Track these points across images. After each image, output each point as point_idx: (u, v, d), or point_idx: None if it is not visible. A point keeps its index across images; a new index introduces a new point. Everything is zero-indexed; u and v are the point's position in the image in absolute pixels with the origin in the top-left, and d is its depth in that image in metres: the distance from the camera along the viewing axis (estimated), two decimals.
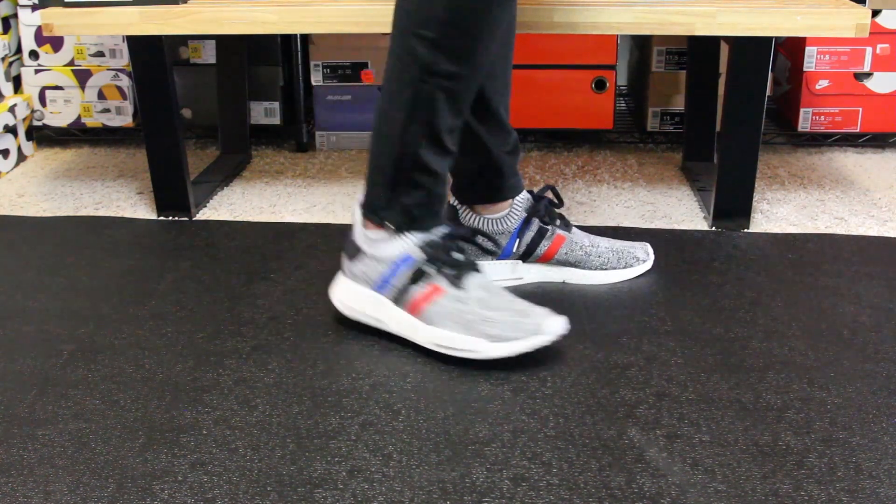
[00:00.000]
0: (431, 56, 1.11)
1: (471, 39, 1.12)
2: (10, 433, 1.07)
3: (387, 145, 1.18)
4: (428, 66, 1.12)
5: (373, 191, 1.21)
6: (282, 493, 0.96)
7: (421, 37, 1.11)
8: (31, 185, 1.91)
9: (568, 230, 1.41)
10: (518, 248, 1.40)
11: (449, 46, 1.11)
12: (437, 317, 1.18)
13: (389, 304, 1.21)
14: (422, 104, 1.14)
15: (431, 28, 1.10)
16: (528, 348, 1.16)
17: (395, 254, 1.20)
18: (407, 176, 1.18)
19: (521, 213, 1.39)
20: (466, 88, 1.16)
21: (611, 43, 2.00)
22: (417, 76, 1.12)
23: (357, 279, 1.23)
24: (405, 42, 1.12)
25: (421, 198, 1.19)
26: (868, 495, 0.95)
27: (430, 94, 1.13)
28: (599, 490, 0.96)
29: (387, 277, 1.20)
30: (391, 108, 1.16)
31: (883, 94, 1.99)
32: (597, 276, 1.41)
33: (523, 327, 1.16)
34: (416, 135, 1.15)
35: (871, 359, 1.20)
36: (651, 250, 1.45)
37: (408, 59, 1.13)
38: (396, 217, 1.20)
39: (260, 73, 2.09)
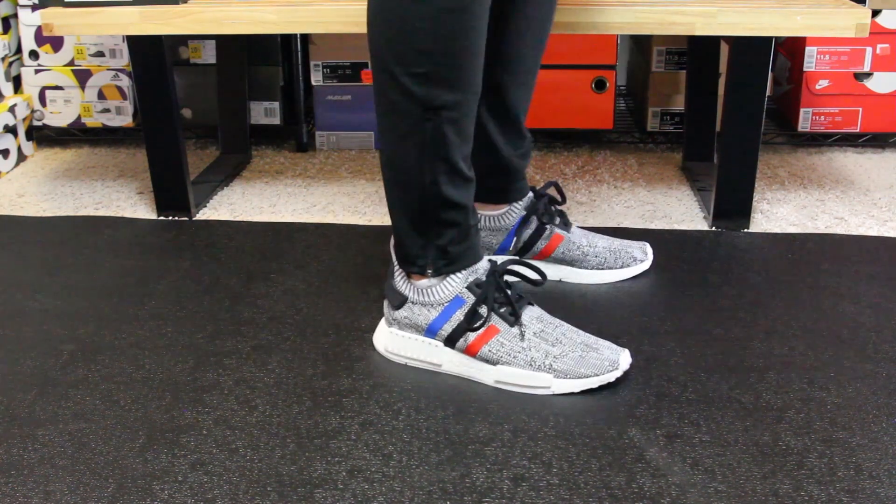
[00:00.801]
0: (427, 91, 1.07)
1: (461, 61, 1.07)
2: (10, 433, 1.07)
3: (407, 193, 1.13)
4: (427, 101, 1.07)
5: (404, 242, 1.16)
6: (282, 493, 0.96)
7: (413, 74, 1.06)
8: (31, 185, 1.91)
9: (567, 229, 1.41)
10: (515, 245, 1.40)
11: (442, 76, 1.07)
12: (497, 355, 1.14)
13: (443, 347, 1.17)
14: (432, 142, 1.09)
15: (420, 63, 1.06)
16: (597, 384, 1.13)
17: (445, 298, 1.16)
18: (435, 218, 1.13)
19: (521, 211, 1.39)
20: (469, 111, 1.11)
21: (611, 43, 2.00)
22: (420, 115, 1.08)
23: (403, 326, 1.19)
24: (397, 85, 1.07)
25: (454, 235, 1.14)
26: (868, 495, 0.95)
27: (438, 128, 1.08)
28: (599, 490, 0.96)
29: (438, 322, 1.16)
30: (400, 154, 1.12)
31: (883, 94, 1.99)
32: (594, 276, 1.41)
33: (591, 363, 1.13)
34: (434, 173, 1.10)
35: (871, 359, 1.20)
36: (650, 250, 1.45)
37: (404, 101, 1.08)
38: (434, 261, 1.15)
39: (260, 73, 2.09)
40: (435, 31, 1.05)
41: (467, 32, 1.07)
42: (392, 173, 1.14)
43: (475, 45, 1.09)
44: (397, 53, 1.07)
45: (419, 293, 1.17)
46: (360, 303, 1.36)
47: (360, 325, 1.29)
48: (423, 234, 1.15)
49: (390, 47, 1.07)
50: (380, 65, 1.09)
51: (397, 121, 1.10)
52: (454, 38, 1.06)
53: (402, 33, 1.05)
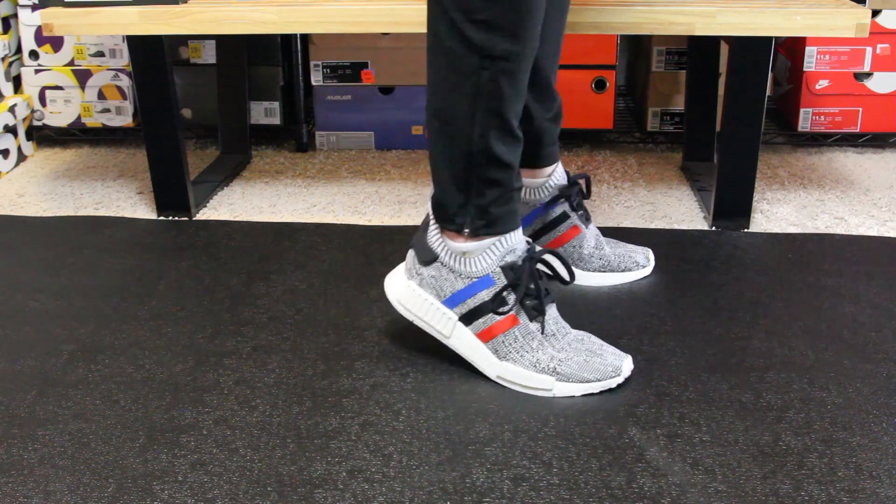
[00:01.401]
0: (487, 39, 1.04)
1: (522, 12, 1.05)
2: (10, 433, 1.07)
3: (453, 145, 1.10)
4: (486, 49, 1.04)
5: (443, 196, 1.13)
6: (282, 494, 0.96)
7: (473, 21, 1.03)
8: (31, 185, 1.91)
9: (586, 225, 1.42)
10: (534, 224, 1.40)
11: (503, 24, 1.04)
12: (508, 349, 1.13)
13: (458, 323, 1.15)
14: (486, 92, 1.06)
15: (481, 9, 1.03)
16: (598, 389, 1.13)
17: (476, 272, 1.13)
18: (480, 174, 1.10)
19: (553, 192, 1.39)
20: (526, 66, 1.09)
21: (611, 43, 2.00)
22: (476, 63, 1.05)
23: (424, 285, 1.16)
24: (455, 30, 1.04)
25: (497, 195, 1.11)
26: (868, 495, 0.95)
27: (493, 79, 1.05)
28: (599, 490, 0.96)
29: (461, 294, 1.14)
30: (450, 104, 1.08)
31: (883, 94, 1.99)
32: (595, 278, 1.41)
33: (594, 368, 1.13)
34: (484, 127, 1.08)
35: (871, 359, 1.20)
36: (652, 256, 1.45)
37: (461, 48, 1.05)
38: (474, 221, 1.12)
39: (260, 73, 2.09)
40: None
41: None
42: (440, 125, 1.10)
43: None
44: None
45: (452, 257, 1.14)
46: (360, 303, 1.36)
47: (360, 325, 1.29)
48: (465, 190, 1.11)
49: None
50: (439, 8, 1.06)
51: (452, 69, 1.07)
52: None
53: None
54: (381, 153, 2.08)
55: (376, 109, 2.08)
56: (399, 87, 2.07)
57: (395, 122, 2.09)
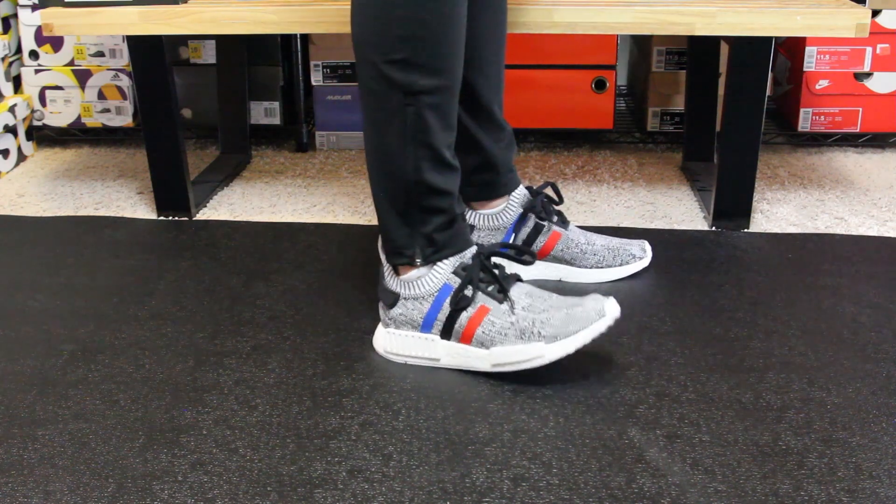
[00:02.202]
0: (407, 76, 1.08)
1: (440, 47, 1.09)
2: (10, 433, 1.07)
3: (391, 181, 1.14)
4: (408, 87, 1.09)
5: (390, 233, 1.17)
6: (282, 493, 0.96)
7: (392, 61, 1.08)
8: (31, 185, 1.91)
9: (565, 227, 1.41)
10: (514, 243, 1.40)
11: (420, 61, 1.08)
12: (491, 336, 1.15)
13: (439, 340, 1.18)
14: (413, 128, 1.11)
15: (398, 49, 1.07)
16: (588, 338, 1.12)
17: (433, 288, 1.16)
18: (420, 205, 1.14)
19: (518, 209, 1.39)
20: (450, 97, 1.13)
21: (611, 43, 2.00)
22: (401, 100, 1.10)
23: (399, 324, 1.19)
24: (376, 72, 1.09)
25: (440, 223, 1.15)
26: (868, 495, 0.95)
27: (418, 113, 1.10)
28: (599, 490, 0.96)
29: (431, 314, 1.17)
30: (383, 142, 1.13)
31: (883, 94, 1.99)
32: (593, 274, 1.41)
33: (576, 317, 1.13)
34: (417, 161, 1.12)
35: (871, 359, 1.20)
36: (648, 247, 1.45)
37: (384, 88, 1.10)
38: (422, 250, 1.16)
39: (260, 73, 2.09)
40: (413, 17, 1.07)
41: (446, 18, 1.08)
42: (376, 162, 1.15)
43: (454, 31, 1.10)
44: (377, 41, 1.09)
45: (409, 287, 1.18)
46: (360, 303, 1.36)
47: (360, 325, 1.29)
48: (409, 222, 1.15)
49: (370, 36, 1.09)
50: (361, 54, 1.11)
51: (379, 108, 1.12)
52: (433, 23, 1.08)
53: (381, 21, 1.08)
54: None
55: None
56: None
57: None
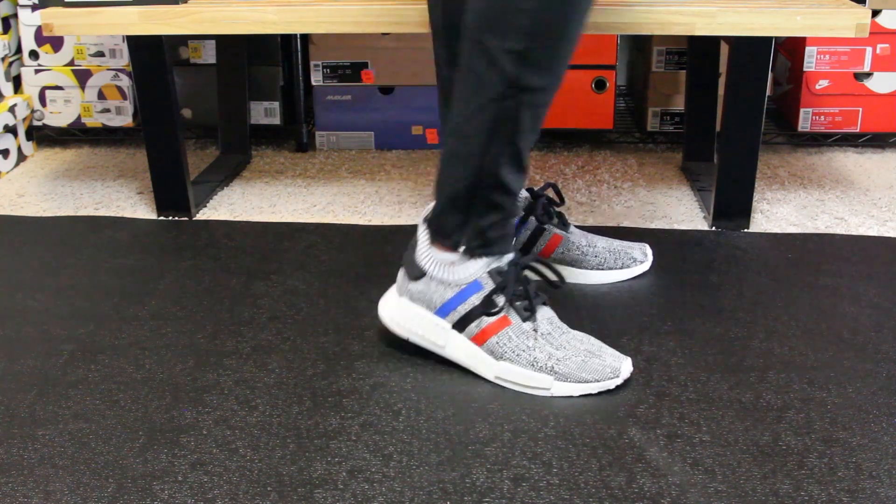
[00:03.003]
0: (518, 70, 1.05)
1: (557, 50, 1.06)
2: (10, 433, 1.07)
3: (464, 167, 1.11)
4: (514, 80, 1.05)
5: (445, 213, 1.15)
6: (282, 493, 0.96)
7: (507, 50, 1.04)
8: (31, 185, 1.91)
9: (565, 229, 1.41)
10: (514, 246, 1.39)
11: (536, 58, 1.05)
12: (503, 349, 1.14)
13: (451, 330, 1.16)
14: (505, 121, 1.08)
15: (518, 39, 1.03)
16: (596, 390, 1.13)
17: (464, 279, 1.15)
18: (485, 197, 1.12)
19: (519, 212, 1.39)
20: (549, 101, 1.10)
21: (611, 43, 2.00)
22: (502, 92, 1.06)
23: (415, 299, 1.18)
24: (487, 56, 1.05)
25: (497, 219, 1.13)
26: (868, 495, 0.95)
27: (515, 110, 1.07)
28: (599, 490, 0.96)
29: (452, 303, 1.15)
30: (470, 127, 1.09)
31: (883, 94, 1.99)
32: (593, 276, 1.41)
33: (593, 368, 1.13)
34: (497, 154, 1.09)
35: (871, 359, 1.20)
36: (649, 251, 1.45)
37: (490, 74, 1.06)
38: (471, 240, 1.14)
39: (260, 73, 2.09)
40: (538, 12, 1.03)
41: (569, 21, 1.06)
42: (455, 143, 1.12)
43: (573, 35, 1.07)
44: (496, 26, 1.05)
45: (440, 268, 1.15)
46: (360, 303, 1.36)
47: (360, 324, 1.29)
48: (467, 210, 1.13)
49: (490, 19, 1.05)
50: (475, 34, 1.07)
51: (478, 92, 1.08)
52: (556, 22, 1.05)
53: (505, 8, 1.04)
54: (381, 153, 2.08)
55: (376, 109, 2.08)
56: (399, 87, 2.07)
57: (395, 122, 2.09)
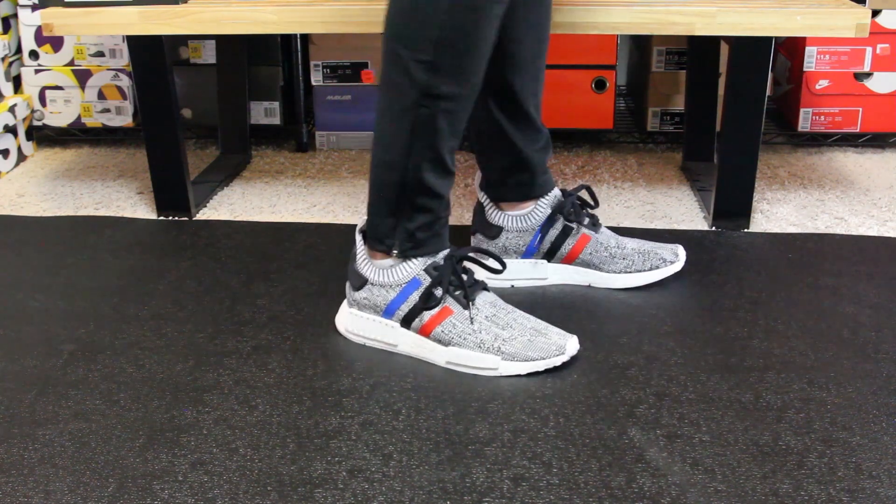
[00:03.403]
0: (430, 79, 1.10)
1: (467, 58, 1.11)
2: (10, 433, 1.07)
3: (389, 172, 1.16)
4: (427, 89, 1.11)
5: (375, 219, 1.20)
6: (282, 493, 0.96)
7: (418, 60, 1.10)
8: (31, 185, 1.91)
9: (595, 230, 1.39)
10: (541, 245, 1.39)
11: (446, 68, 1.10)
12: (450, 336, 1.18)
13: (399, 328, 1.21)
14: (423, 128, 1.13)
15: (427, 51, 1.09)
16: (543, 367, 1.16)
17: (403, 279, 1.19)
18: (411, 201, 1.17)
19: (546, 210, 1.37)
20: (465, 107, 1.15)
21: (611, 43, 2.00)
22: (416, 100, 1.11)
23: (363, 307, 1.23)
24: (401, 67, 1.11)
25: (425, 222, 1.18)
26: (868, 495, 0.95)
27: (431, 117, 1.12)
28: (599, 490, 0.96)
29: (395, 303, 1.20)
30: (390, 135, 1.15)
31: (883, 94, 1.99)
32: (621, 279, 1.38)
33: (538, 346, 1.17)
34: (418, 159, 1.14)
35: (871, 359, 1.20)
36: (682, 251, 1.41)
37: (405, 84, 1.11)
38: (402, 243, 1.19)
39: (260, 73, 2.09)
40: (446, 24, 1.08)
41: (478, 31, 1.10)
42: (379, 151, 1.17)
43: (483, 45, 1.12)
44: (407, 37, 1.10)
45: (379, 274, 1.20)
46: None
47: None
48: (396, 214, 1.18)
49: (401, 30, 1.11)
50: (389, 44, 1.12)
51: (394, 100, 1.13)
52: (464, 33, 1.09)
53: (414, 19, 1.09)
54: None
55: None
56: None
57: None
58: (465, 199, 1.78)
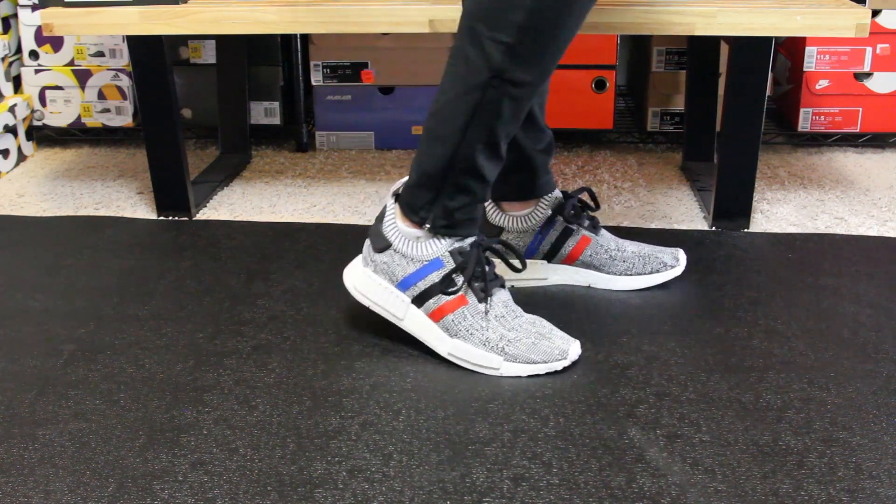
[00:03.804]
0: (506, 62, 1.08)
1: (546, 47, 1.09)
2: (10, 433, 1.07)
3: (441, 147, 1.14)
4: (500, 71, 1.09)
5: (417, 189, 1.18)
6: (282, 493, 0.96)
7: (497, 41, 1.07)
8: (31, 185, 1.91)
9: (596, 232, 1.39)
10: (542, 246, 1.39)
11: (524, 53, 1.08)
12: (458, 327, 1.17)
13: (410, 304, 1.20)
14: (486, 109, 1.11)
15: (510, 33, 1.07)
16: (544, 371, 1.16)
17: (426, 256, 1.18)
18: (457, 179, 1.15)
19: (547, 212, 1.37)
20: (532, 96, 1.13)
21: (611, 43, 2.00)
22: (487, 81, 1.10)
23: (378, 271, 1.21)
24: (479, 45, 1.09)
25: (466, 202, 1.17)
26: (868, 495, 0.95)
27: (498, 99, 1.11)
28: (599, 490, 0.96)
29: (413, 277, 1.19)
30: (451, 109, 1.13)
31: (883, 94, 1.99)
32: (621, 282, 1.38)
33: (541, 350, 1.16)
34: (475, 139, 1.13)
35: (871, 359, 1.20)
36: (682, 256, 1.41)
37: (479, 62, 1.09)
38: (437, 219, 1.17)
39: (260, 73, 2.09)
40: (532, 9, 1.06)
41: (562, 21, 1.08)
42: (435, 124, 1.15)
43: (566, 36, 1.10)
44: (490, 16, 1.08)
45: (404, 243, 1.19)
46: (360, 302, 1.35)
47: (360, 324, 1.29)
48: (438, 189, 1.16)
49: (488, 7, 1.08)
50: (469, 20, 1.10)
51: (463, 76, 1.11)
52: (548, 22, 1.08)
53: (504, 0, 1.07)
54: (381, 153, 2.08)
55: (376, 109, 2.08)
56: (399, 87, 2.07)
57: (395, 122, 2.09)
58: None
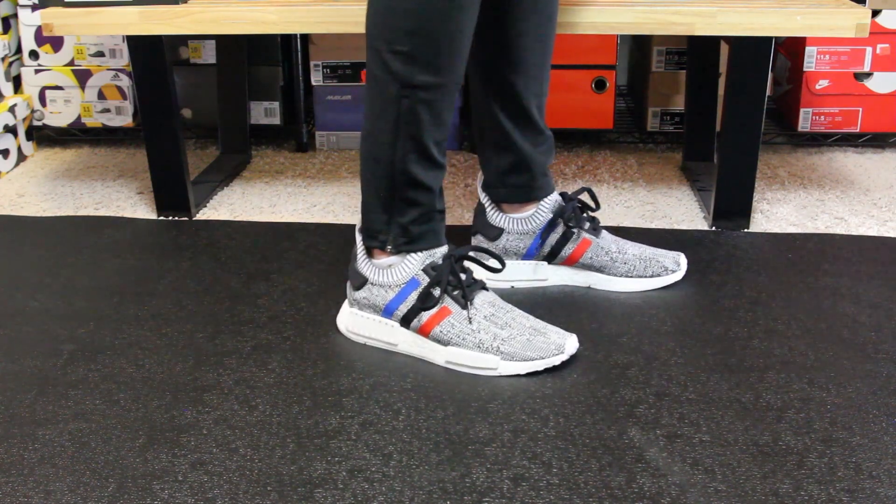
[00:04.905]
0: (407, 70, 1.12)
1: (441, 46, 1.12)
2: (10, 433, 1.07)
3: (377, 167, 1.18)
4: (405, 80, 1.12)
5: (369, 216, 1.21)
6: (282, 493, 0.96)
7: (395, 52, 1.11)
8: (31, 185, 1.91)
9: (596, 234, 1.38)
10: (542, 249, 1.39)
11: (423, 57, 1.11)
12: (449, 336, 1.18)
13: (399, 328, 1.21)
14: (405, 120, 1.14)
15: (404, 41, 1.11)
16: (542, 367, 1.17)
17: (402, 279, 1.20)
18: (401, 195, 1.18)
19: (548, 214, 1.37)
20: (447, 97, 1.15)
21: (611, 43, 2.00)
22: (397, 92, 1.13)
23: (363, 307, 1.23)
24: (381, 61, 1.13)
25: (417, 215, 1.19)
26: (868, 495, 0.95)
27: (412, 107, 1.13)
28: (599, 490, 0.96)
29: (394, 303, 1.20)
30: (377, 129, 1.17)
31: (883, 94, 1.99)
32: (622, 283, 1.38)
33: (537, 346, 1.17)
34: (405, 151, 1.16)
35: (871, 359, 1.20)
36: (683, 260, 1.41)
37: (385, 76, 1.13)
38: (397, 238, 1.20)
39: (260, 73, 2.09)
40: (419, 13, 1.10)
41: (451, 18, 1.11)
42: (367, 147, 1.19)
43: (459, 33, 1.13)
44: (383, 30, 1.12)
45: (378, 274, 1.21)
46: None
47: None
48: (388, 209, 1.19)
49: (378, 24, 1.13)
50: (369, 40, 1.14)
51: (377, 96, 1.16)
52: (438, 21, 1.10)
53: (389, 11, 1.11)
54: None
55: None
56: None
57: None
58: (465, 200, 1.78)
